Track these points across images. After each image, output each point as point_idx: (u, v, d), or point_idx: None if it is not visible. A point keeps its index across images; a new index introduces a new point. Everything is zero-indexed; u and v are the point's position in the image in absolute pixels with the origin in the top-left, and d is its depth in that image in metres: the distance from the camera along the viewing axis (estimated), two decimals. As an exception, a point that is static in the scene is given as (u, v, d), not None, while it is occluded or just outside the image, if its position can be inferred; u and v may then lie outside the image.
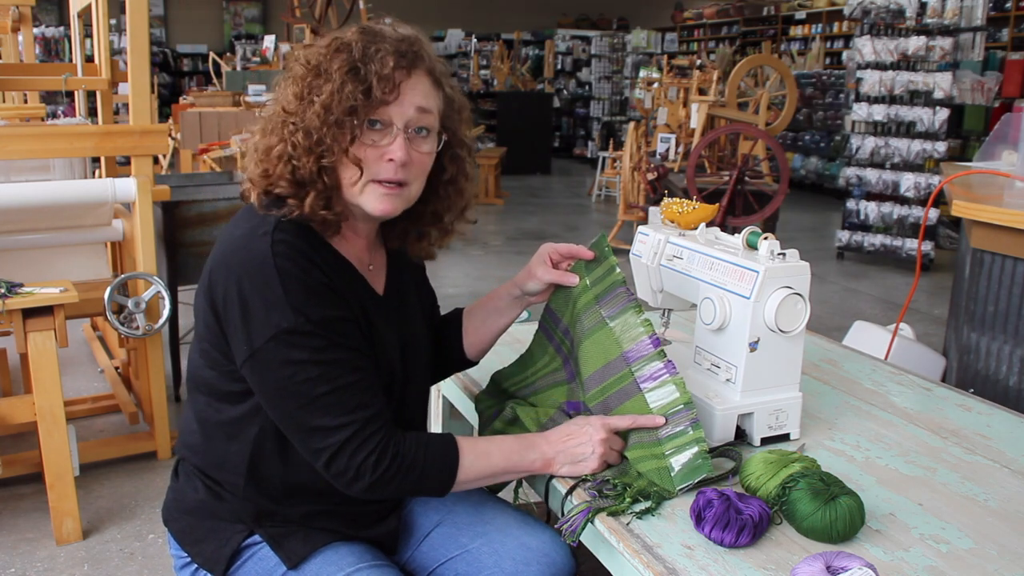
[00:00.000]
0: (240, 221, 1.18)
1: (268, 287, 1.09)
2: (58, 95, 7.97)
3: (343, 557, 1.20)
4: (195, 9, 16.05)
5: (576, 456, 1.18)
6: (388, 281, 1.30)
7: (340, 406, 1.10)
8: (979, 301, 2.36)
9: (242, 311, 1.10)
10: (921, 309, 5.26)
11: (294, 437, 1.14)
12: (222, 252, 1.15)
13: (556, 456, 1.18)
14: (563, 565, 1.28)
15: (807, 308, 1.23)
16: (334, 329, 1.11)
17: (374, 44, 1.14)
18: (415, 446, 1.14)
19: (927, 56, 6.07)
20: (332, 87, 1.11)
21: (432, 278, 1.44)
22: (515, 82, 12.53)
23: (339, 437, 1.10)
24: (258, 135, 1.18)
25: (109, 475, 2.80)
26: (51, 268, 2.84)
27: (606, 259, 1.30)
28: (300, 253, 1.11)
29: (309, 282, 1.10)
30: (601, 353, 1.25)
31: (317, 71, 1.13)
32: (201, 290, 1.18)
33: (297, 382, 1.09)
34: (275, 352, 1.09)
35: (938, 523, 1.09)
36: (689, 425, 1.16)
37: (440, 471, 1.16)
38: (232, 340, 1.13)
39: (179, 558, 1.27)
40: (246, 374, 1.14)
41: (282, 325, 1.08)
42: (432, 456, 1.15)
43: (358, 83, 1.11)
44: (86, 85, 3.46)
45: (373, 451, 1.11)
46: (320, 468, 1.12)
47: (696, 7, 15.93)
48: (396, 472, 1.12)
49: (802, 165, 10.42)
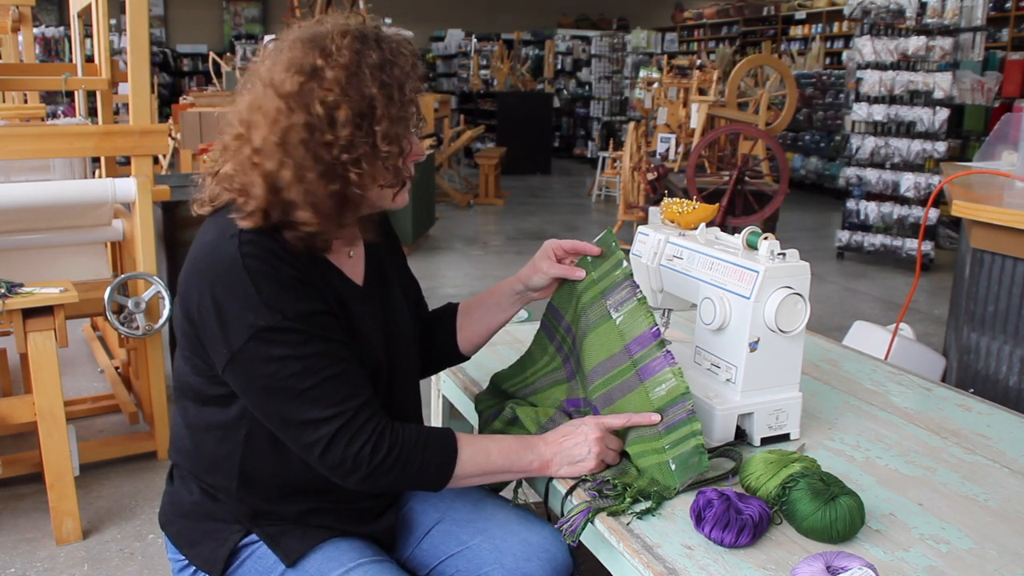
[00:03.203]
0: (209, 226, 1.16)
1: (241, 288, 1.08)
2: (58, 95, 7.97)
3: (343, 553, 1.20)
4: (195, 9, 16.05)
5: (573, 457, 1.18)
6: (367, 271, 1.29)
7: (327, 398, 1.09)
8: (979, 301, 2.36)
9: (218, 316, 1.09)
10: (921, 309, 5.26)
11: (285, 434, 1.13)
12: (192, 259, 1.14)
13: (553, 457, 1.19)
14: (563, 561, 1.28)
15: (807, 308, 1.23)
16: (312, 322, 1.11)
17: (392, 54, 1.13)
18: (413, 438, 1.14)
19: (927, 56, 6.07)
20: (381, 113, 1.10)
21: (432, 278, 1.44)
22: (515, 82, 12.53)
23: (330, 428, 1.09)
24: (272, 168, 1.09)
25: (109, 475, 2.80)
26: (51, 268, 2.84)
27: (613, 254, 1.30)
28: (269, 251, 1.10)
29: (281, 278, 1.09)
30: (604, 346, 1.25)
31: (356, 96, 1.09)
32: (178, 298, 1.17)
33: (281, 378, 1.08)
34: (255, 351, 1.08)
35: (938, 523, 1.09)
36: (686, 416, 1.16)
37: (438, 464, 1.15)
38: (210, 346, 1.12)
39: (177, 561, 1.27)
40: (229, 378, 1.13)
41: (259, 324, 1.07)
42: (430, 449, 1.15)
43: (397, 103, 1.12)
44: (86, 85, 3.46)
45: (368, 440, 1.10)
46: (315, 462, 1.12)
47: (696, 7, 15.93)
48: (394, 463, 1.12)
49: (802, 165, 10.43)
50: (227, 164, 1.15)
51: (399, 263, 1.40)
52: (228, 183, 1.14)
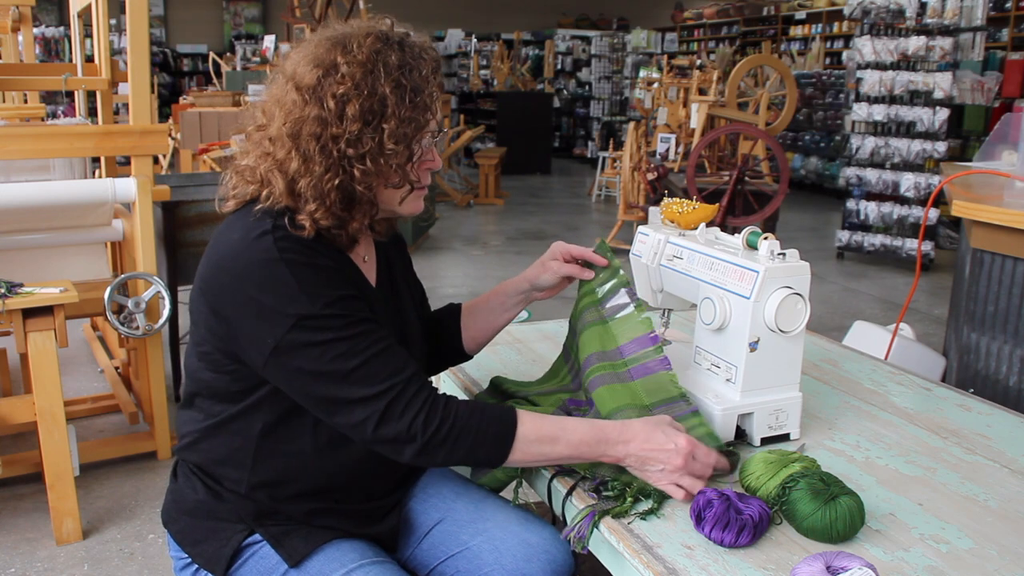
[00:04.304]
0: (234, 223, 1.17)
1: (279, 282, 1.09)
2: (58, 95, 7.97)
3: (345, 554, 1.20)
4: (195, 9, 16.05)
5: (650, 463, 1.12)
6: (379, 273, 1.31)
7: (375, 375, 1.10)
8: (979, 301, 2.36)
9: (257, 312, 1.10)
10: (921, 309, 5.26)
11: (335, 418, 1.12)
12: (221, 257, 1.15)
13: (630, 458, 1.13)
14: (563, 562, 1.28)
15: (807, 308, 1.23)
16: (351, 306, 1.12)
17: (409, 58, 1.14)
18: (468, 409, 1.12)
19: (927, 56, 6.07)
20: (392, 111, 1.11)
21: (432, 278, 1.46)
22: (515, 82, 12.53)
23: (382, 403, 1.09)
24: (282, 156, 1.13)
25: (109, 475, 2.80)
26: (51, 268, 2.84)
27: (610, 263, 1.37)
28: (303, 244, 1.13)
29: (319, 266, 1.12)
30: (598, 341, 1.31)
31: (366, 91, 1.10)
32: (199, 295, 1.18)
33: (327, 361, 1.09)
34: (299, 339, 1.09)
35: (938, 523, 1.09)
36: (690, 412, 1.21)
37: (495, 437, 1.12)
38: (247, 344, 1.13)
39: (179, 559, 1.27)
40: (270, 372, 1.13)
41: (300, 312, 1.09)
42: (486, 422, 1.12)
43: (411, 105, 1.12)
44: (86, 85, 3.46)
45: (420, 410, 1.09)
46: (369, 440, 1.10)
47: (696, 7, 15.93)
48: (447, 434, 1.10)
49: (802, 165, 10.43)
50: (248, 156, 1.18)
51: (406, 265, 1.42)
52: (250, 175, 1.18)
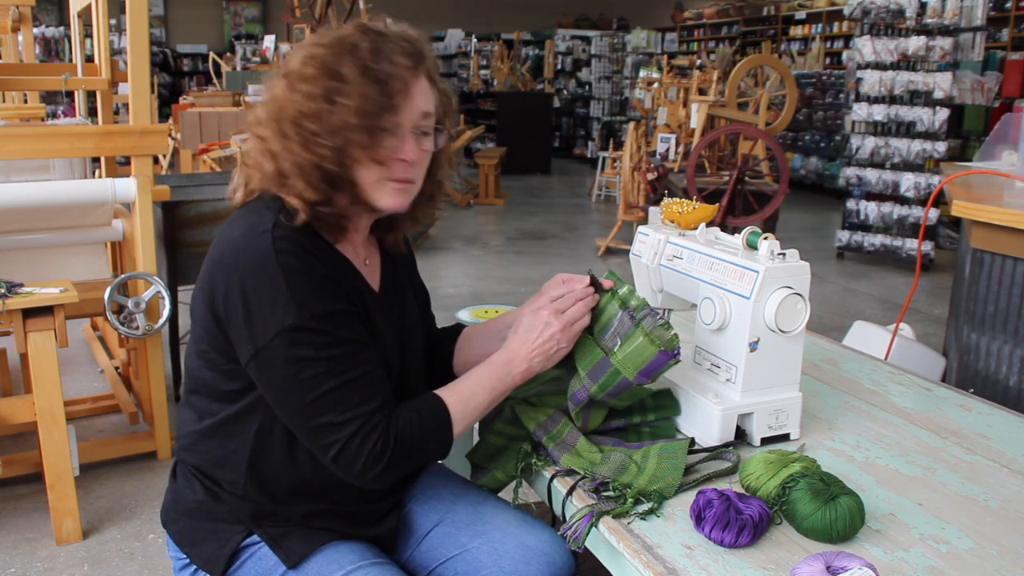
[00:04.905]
0: (237, 220, 1.17)
1: (271, 284, 1.09)
2: (58, 95, 7.97)
3: (343, 555, 1.20)
4: (195, 9, 16.05)
5: (548, 351, 1.22)
6: (383, 277, 1.31)
7: (346, 401, 1.10)
8: (979, 301, 2.36)
9: (245, 311, 1.10)
10: (921, 309, 5.26)
11: (301, 433, 1.14)
12: (221, 252, 1.15)
13: (531, 363, 1.22)
14: (563, 565, 1.28)
15: (807, 308, 1.23)
16: (338, 323, 1.12)
17: (382, 44, 1.14)
18: (409, 423, 1.15)
19: (927, 56, 6.07)
20: (353, 90, 1.11)
21: (432, 278, 1.45)
22: (515, 82, 12.53)
23: (347, 432, 1.10)
24: (267, 137, 1.16)
25: (109, 475, 2.80)
26: (51, 268, 2.84)
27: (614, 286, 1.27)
28: (302, 248, 1.12)
29: (312, 275, 1.11)
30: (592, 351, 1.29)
31: (330, 73, 1.12)
32: (199, 292, 1.18)
33: (303, 379, 1.09)
34: (280, 350, 1.09)
35: (938, 523, 1.09)
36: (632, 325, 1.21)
37: (437, 435, 1.17)
38: (235, 340, 1.13)
39: (178, 560, 1.27)
40: (251, 373, 1.14)
41: (286, 322, 1.08)
42: (426, 424, 1.16)
43: (375, 85, 1.12)
44: (86, 85, 3.46)
45: (378, 440, 1.11)
46: (328, 462, 1.13)
47: (696, 7, 15.93)
48: (401, 453, 1.13)
49: (802, 165, 10.42)
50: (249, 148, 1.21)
51: (411, 270, 1.42)
52: (250, 161, 1.20)
